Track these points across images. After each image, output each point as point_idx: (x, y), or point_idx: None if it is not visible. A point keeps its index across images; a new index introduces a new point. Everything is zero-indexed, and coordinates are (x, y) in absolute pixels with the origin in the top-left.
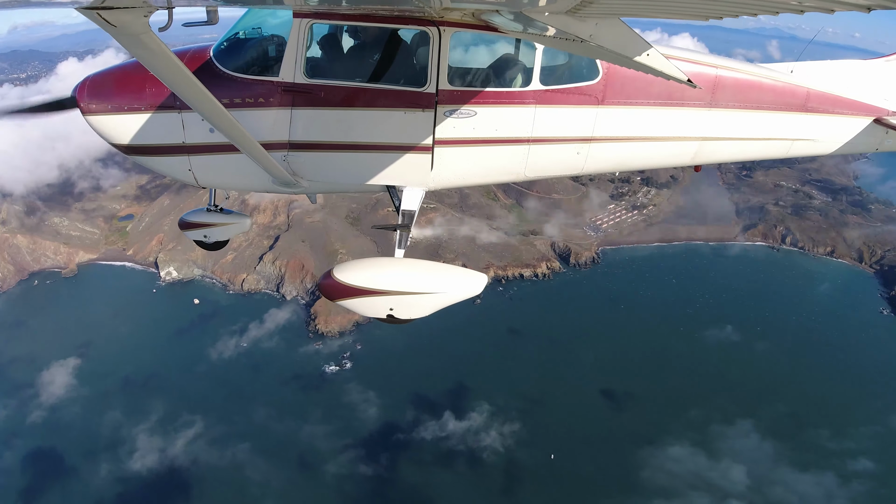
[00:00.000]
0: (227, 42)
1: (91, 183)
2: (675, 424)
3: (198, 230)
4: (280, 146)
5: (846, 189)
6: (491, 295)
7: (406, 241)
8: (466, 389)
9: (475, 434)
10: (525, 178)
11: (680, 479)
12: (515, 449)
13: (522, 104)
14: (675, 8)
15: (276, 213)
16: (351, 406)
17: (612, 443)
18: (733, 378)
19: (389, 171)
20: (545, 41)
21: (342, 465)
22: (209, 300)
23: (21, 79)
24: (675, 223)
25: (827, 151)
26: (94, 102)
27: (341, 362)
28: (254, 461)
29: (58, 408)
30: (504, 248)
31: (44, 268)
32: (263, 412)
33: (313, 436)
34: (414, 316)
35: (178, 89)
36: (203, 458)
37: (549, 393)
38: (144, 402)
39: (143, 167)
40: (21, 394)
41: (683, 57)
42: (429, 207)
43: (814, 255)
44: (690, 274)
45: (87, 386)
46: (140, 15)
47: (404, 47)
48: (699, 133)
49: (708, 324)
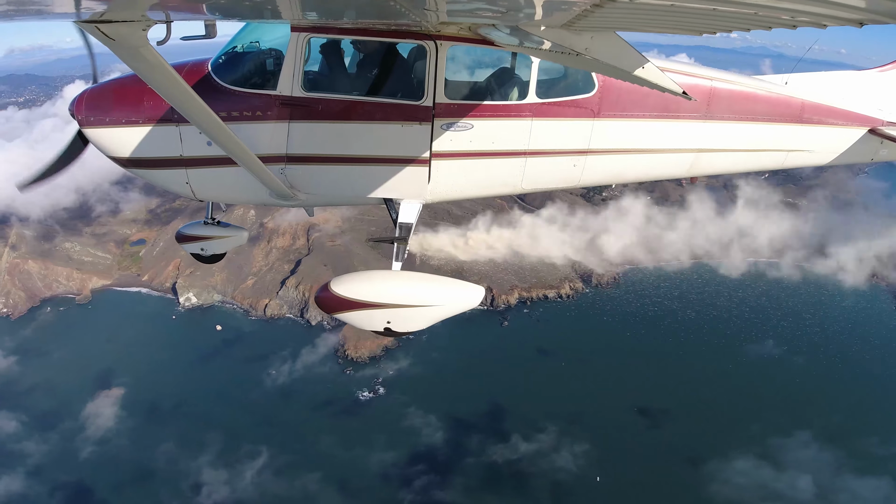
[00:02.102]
0: (226, 56)
1: (109, 207)
2: (735, 438)
3: (195, 243)
4: (277, 159)
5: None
6: (517, 317)
7: (403, 254)
8: (516, 410)
9: (545, 456)
10: (522, 191)
11: (749, 491)
12: (570, 470)
13: (519, 117)
14: (669, 23)
15: (296, 237)
16: (412, 431)
17: (661, 460)
18: (781, 391)
19: (387, 184)
20: (541, 55)
21: (418, 492)
22: (231, 326)
23: (19, 102)
24: (688, 241)
25: (822, 162)
26: (92, 115)
27: (374, 388)
28: (326, 491)
29: (106, 441)
30: (526, 270)
31: (56, 294)
32: (328, 440)
33: (383, 463)
34: (411, 329)
35: (176, 102)
36: (272, 489)
37: (587, 413)
38: (192, 432)
39: (153, 189)
40: (61, 427)
41: (679, 69)
42: (449, 227)
43: (825, 272)
44: (711, 291)
45: (129, 417)
46: (138, 28)
47: (401, 61)
48: (695, 145)
49: (747, 339)
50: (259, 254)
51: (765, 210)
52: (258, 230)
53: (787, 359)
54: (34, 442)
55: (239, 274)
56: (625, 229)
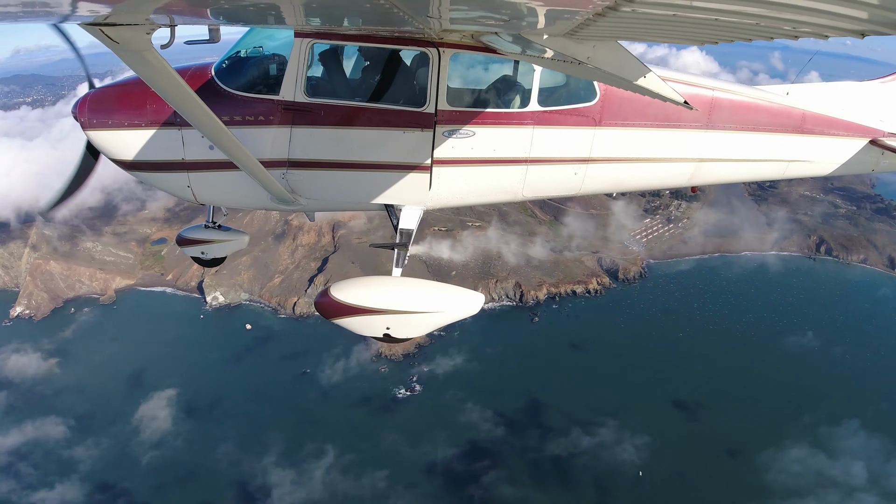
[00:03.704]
0: (229, 60)
1: (134, 206)
2: (786, 428)
3: (196, 246)
4: (279, 164)
5: (868, 197)
6: (547, 312)
7: (404, 260)
8: (558, 405)
9: (607, 448)
10: (523, 198)
11: (805, 478)
12: (634, 462)
13: (520, 125)
14: (671, 32)
15: (321, 234)
16: (470, 426)
17: (706, 452)
18: (824, 381)
19: (388, 189)
20: (543, 63)
21: (486, 487)
22: (261, 325)
23: (27, 102)
24: (710, 235)
25: (823, 173)
26: (95, 118)
27: (411, 385)
28: (395, 489)
29: (162, 444)
30: (553, 266)
31: (79, 295)
32: (392, 437)
33: (445, 459)
34: (410, 335)
35: (178, 106)
36: (342, 489)
37: (625, 406)
38: (247, 432)
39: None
40: (111, 430)
41: (680, 79)
42: (474, 226)
43: (849, 263)
44: (738, 285)
45: (180, 418)
46: (142, 32)
47: (404, 68)
48: (696, 154)
49: (784, 332)
50: (285, 252)
51: (774, 204)
52: (283, 228)
53: (824, 350)
54: (85, 447)
55: (265, 272)
56: (651, 223)
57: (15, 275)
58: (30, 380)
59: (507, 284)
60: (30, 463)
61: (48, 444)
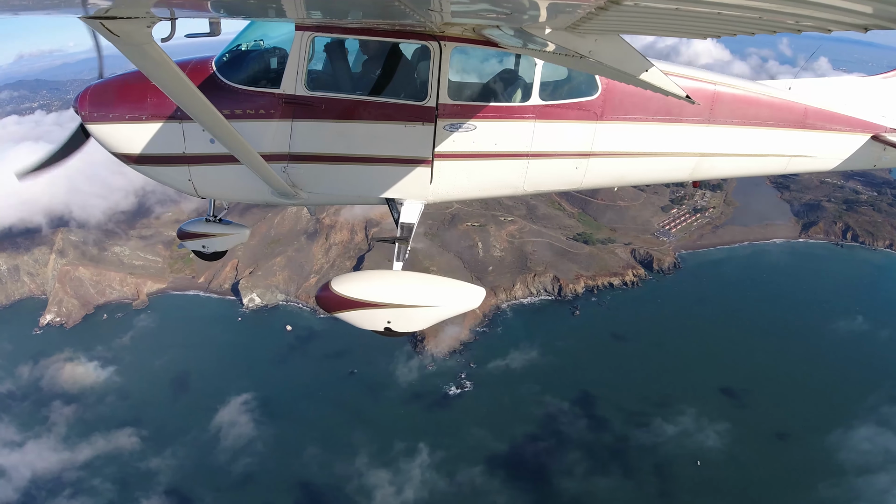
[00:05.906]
0: (230, 54)
1: (164, 208)
2: (849, 409)
3: (196, 240)
4: (280, 157)
5: (888, 182)
6: (587, 305)
7: (405, 254)
8: (610, 396)
9: (690, 436)
10: (524, 193)
11: (874, 456)
12: (718, 449)
13: (522, 119)
14: (674, 26)
15: (354, 232)
16: (549, 419)
17: (760, 436)
18: (881, 363)
19: (389, 183)
20: (545, 56)
21: (580, 479)
22: (301, 326)
23: (39, 107)
24: (738, 224)
25: (825, 168)
26: (96, 111)
27: (461, 382)
28: (492, 484)
29: (247, 451)
30: (587, 258)
31: (109, 300)
32: (478, 433)
33: (537, 453)
34: (411, 329)
35: (179, 100)
36: (441, 488)
37: (676, 396)
38: (326, 434)
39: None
40: (186, 440)
41: (682, 73)
42: (506, 220)
43: (875, 248)
44: (772, 273)
45: (259, 423)
46: (143, 25)
47: (405, 61)
48: (697, 149)
49: (831, 317)
50: (318, 251)
51: (796, 191)
52: (315, 227)
53: (874, 333)
54: (162, 458)
55: (300, 272)
56: (678, 213)
57: (41, 282)
58: (88, 390)
59: (545, 279)
60: (106, 478)
61: (122, 457)
